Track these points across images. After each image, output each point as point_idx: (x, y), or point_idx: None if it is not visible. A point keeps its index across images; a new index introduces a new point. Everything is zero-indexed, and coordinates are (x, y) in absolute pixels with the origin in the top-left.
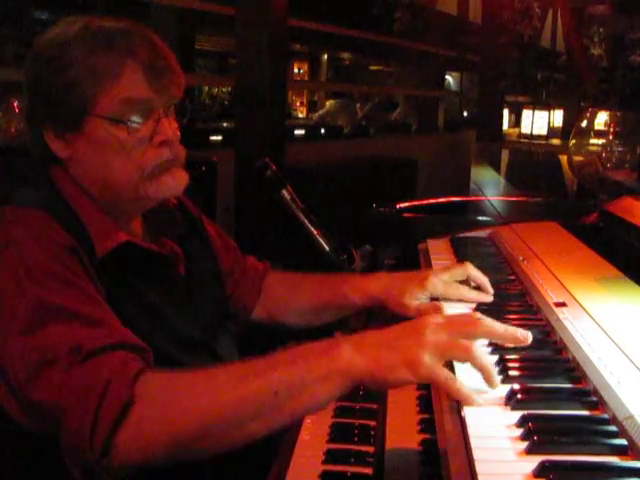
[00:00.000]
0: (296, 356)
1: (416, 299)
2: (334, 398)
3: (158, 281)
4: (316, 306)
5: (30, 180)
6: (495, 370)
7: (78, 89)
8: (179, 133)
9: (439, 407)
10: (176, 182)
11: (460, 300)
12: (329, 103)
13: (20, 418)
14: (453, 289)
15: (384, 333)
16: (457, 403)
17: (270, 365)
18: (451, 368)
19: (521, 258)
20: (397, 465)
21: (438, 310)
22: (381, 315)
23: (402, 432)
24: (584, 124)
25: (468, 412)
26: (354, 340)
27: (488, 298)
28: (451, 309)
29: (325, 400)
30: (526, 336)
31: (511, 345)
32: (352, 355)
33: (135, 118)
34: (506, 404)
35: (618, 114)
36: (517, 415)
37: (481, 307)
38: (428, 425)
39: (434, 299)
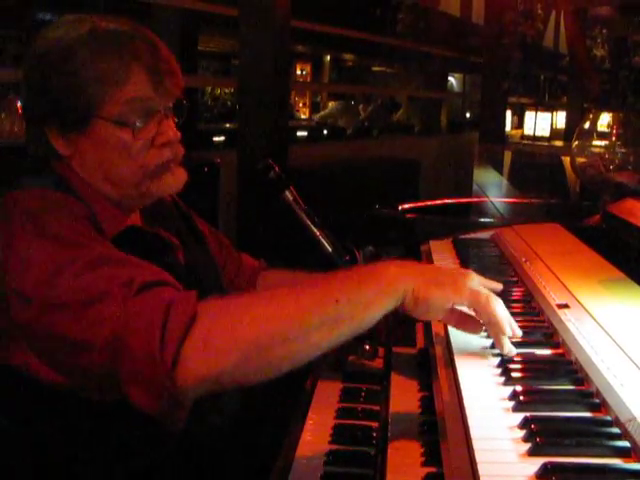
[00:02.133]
0: (351, 273)
1: None
2: (385, 312)
3: (162, 267)
4: None
5: (37, 170)
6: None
7: (85, 92)
8: (179, 134)
9: (441, 408)
10: (177, 180)
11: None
12: (331, 104)
13: (46, 374)
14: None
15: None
16: (459, 404)
17: (328, 279)
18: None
19: (524, 259)
20: (399, 466)
21: None
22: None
23: (404, 433)
24: (587, 125)
25: (470, 413)
26: (402, 261)
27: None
28: None
29: (378, 313)
30: (517, 337)
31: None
32: (401, 270)
33: (139, 120)
34: (509, 406)
35: (621, 115)
36: (520, 417)
37: None
38: (430, 426)
39: None
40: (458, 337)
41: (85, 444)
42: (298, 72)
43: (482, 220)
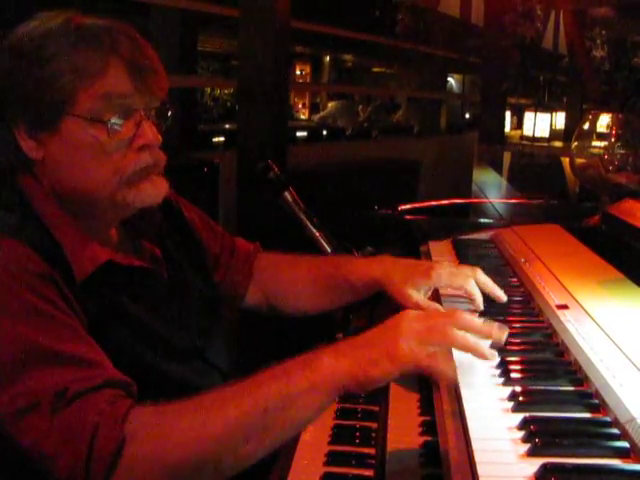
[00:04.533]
0: (279, 372)
1: (418, 289)
2: (324, 409)
3: (141, 294)
4: (314, 287)
5: (1, 199)
6: (484, 342)
7: (56, 85)
8: (160, 138)
9: (440, 409)
10: (156, 190)
11: (463, 293)
12: (330, 105)
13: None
14: (459, 280)
15: (362, 335)
16: (458, 405)
17: (255, 384)
18: None
19: (523, 260)
20: (398, 467)
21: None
22: (383, 312)
23: (403, 434)
24: (586, 126)
25: (469, 414)
26: (333, 348)
27: (481, 307)
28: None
29: (314, 412)
30: (501, 336)
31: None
32: (333, 361)
33: (115, 119)
34: (508, 406)
35: (620, 116)
36: (519, 417)
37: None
38: (429, 427)
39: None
40: None
41: None
42: (297, 72)
43: (481, 221)
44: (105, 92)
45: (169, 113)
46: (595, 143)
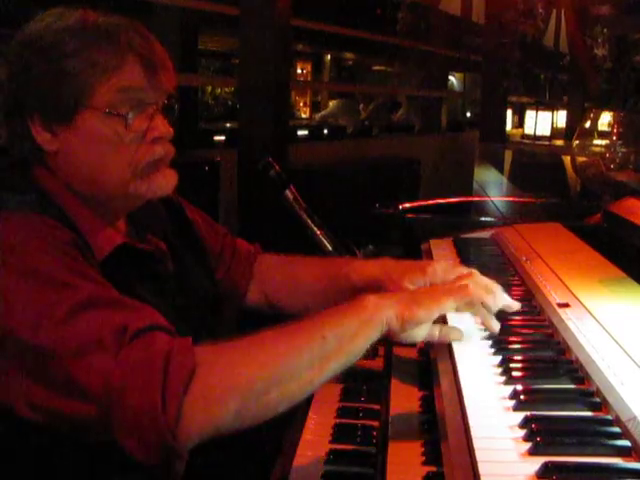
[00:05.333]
0: (332, 310)
1: (414, 284)
2: (371, 341)
3: (150, 280)
4: (315, 287)
5: (15, 184)
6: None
7: (76, 79)
8: (172, 131)
9: (441, 407)
10: (167, 181)
11: None
12: (332, 103)
13: (33, 414)
14: (453, 276)
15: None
16: (460, 404)
17: (313, 319)
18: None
19: (524, 259)
20: (399, 465)
21: None
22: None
23: (404, 433)
24: (587, 125)
25: (471, 413)
26: (376, 293)
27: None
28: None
29: (364, 344)
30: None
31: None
32: (380, 299)
33: (130, 111)
34: (509, 405)
35: (622, 115)
36: (520, 416)
37: None
38: (431, 426)
39: None
40: None
41: None
42: (298, 71)
43: (483, 219)
44: (122, 86)
45: (176, 107)
46: (596, 141)
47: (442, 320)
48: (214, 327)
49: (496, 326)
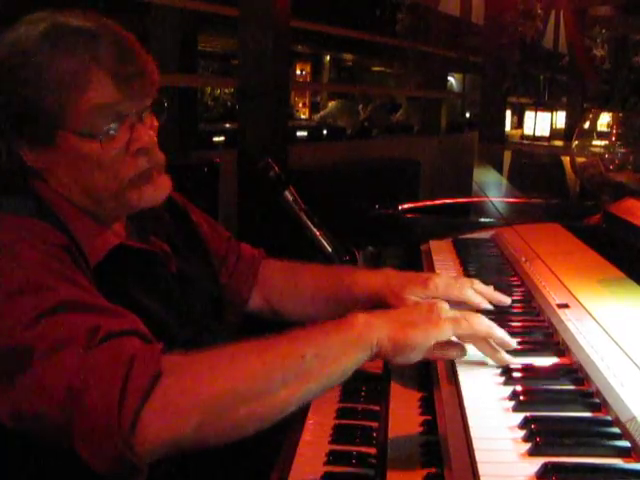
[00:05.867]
0: (317, 327)
1: (415, 296)
2: (357, 364)
3: (150, 281)
4: (316, 296)
5: (13, 188)
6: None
7: (43, 103)
8: (155, 138)
9: (441, 408)
10: (158, 191)
11: (461, 302)
12: (331, 104)
13: (7, 421)
14: (456, 290)
15: (399, 308)
16: (459, 404)
17: (294, 334)
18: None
19: (523, 259)
20: (399, 467)
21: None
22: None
23: (404, 433)
24: (587, 125)
25: (470, 413)
26: (369, 311)
27: (488, 305)
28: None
29: (349, 366)
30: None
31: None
32: (370, 319)
33: (107, 127)
34: (509, 406)
35: (621, 115)
36: (520, 417)
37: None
38: (430, 426)
39: None
40: None
41: None
42: (298, 72)
43: (482, 220)
44: (93, 104)
45: (165, 105)
46: (596, 142)
47: None
48: (216, 329)
49: (508, 358)
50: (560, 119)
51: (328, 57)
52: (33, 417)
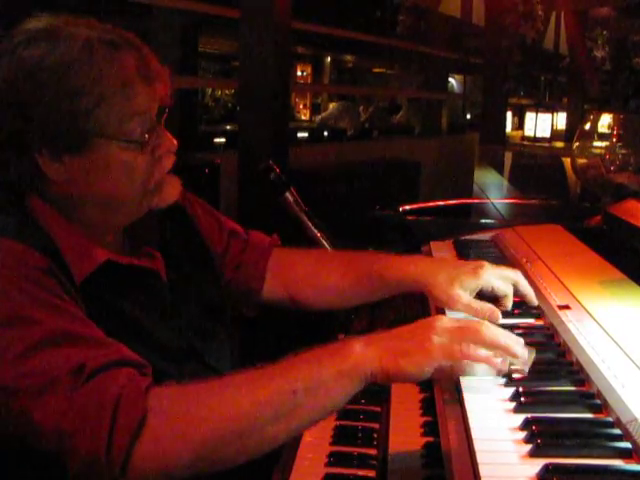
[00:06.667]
0: (310, 357)
1: (466, 290)
2: (350, 396)
3: (140, 295)
4: (343, 285)
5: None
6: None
7: (84, 115)
8: (176, 142)
9: (442, 410)
10: (174, 190)
11: (503, 298)
12: (332, 105)
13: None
14: (505, 287)
15: (394, 329)
16: (460, 406)
17: (285, 367)
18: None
19: (524, 261)
20: (400, 468)
21: (494, 316)
22: (385, 318)
23: (405, 435)
24: (587, 127)
25: (471, 415)
26: (364, 337)
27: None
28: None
29: (342, 398)
30: (524, 356)
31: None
32: (364, 349)
33: (142, 134)
34: (510, 407)
35: (621, 116)
36: (521, 418)
37: None
38: (431, 428)
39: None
40: None
41: None
42: (299, 73)
43: (483, 221)
44: (133, 112)
45: (166, 112)
46: (596, 143)
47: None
48: (213, 333)
49: (522, 371)
50: (561, 120)
51: (329, 58)
52: (27, 446)
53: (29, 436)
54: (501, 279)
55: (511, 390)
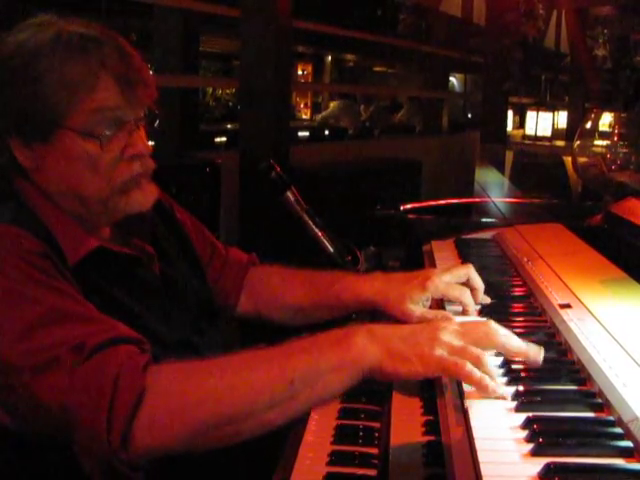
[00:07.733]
0: (310, 345)
1: (417, 303)
2: (346, 388)
3: (132, 284)
4: (305, 304)
5: None
6: (498, 382)
7: (49, 101)
8: (150, 146)
9: (444, 409)
10: (146, 197)
11: (460, 302)
12: (332, 104)
13: (4, 419)
14: (456, 291)
15: (399, 327)
16: (462, 405)
17: (284, 354)
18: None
19: (526, 260)
20: (401, 467)
21: (447, 320)
22: (385, 315)
23: (406, 434)
24: (588, 125)
25: (473, 414)
26: (369, 329)
27: (487, 300)
28: (451, 307)
29: (338, 389)
30: (537, 357)
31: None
32: (365, 344)
33: (107, 131)
34: (511, 406)
35: (622, 115)
36: (522, 417)
37: (486, 309)
38: (432, 427)
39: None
40: None
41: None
42: (299, 72)
43: (484, 220)
44: (97, 107)
45: (156, 122)
46: (597, 142)
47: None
48: (209, 328)
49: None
50: (562, 119)
51: (330, 57)
52: (34, 422)
53: (33, 413)
54: (453, 281)
55: (512, 389)
